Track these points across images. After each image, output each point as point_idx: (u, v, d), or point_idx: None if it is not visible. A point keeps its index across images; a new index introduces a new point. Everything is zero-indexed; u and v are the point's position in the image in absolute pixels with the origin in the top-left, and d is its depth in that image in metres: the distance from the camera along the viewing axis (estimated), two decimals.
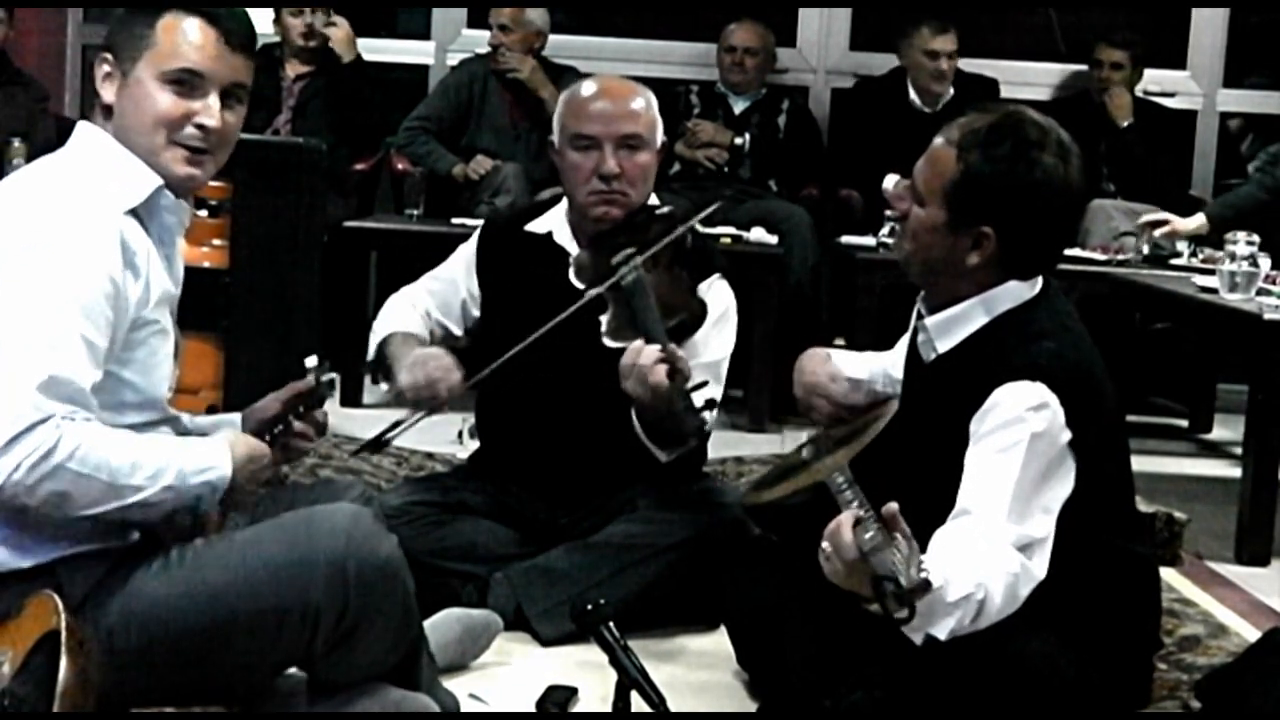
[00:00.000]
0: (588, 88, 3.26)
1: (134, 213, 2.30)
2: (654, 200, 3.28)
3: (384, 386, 3.26)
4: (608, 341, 2.98)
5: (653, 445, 3.08)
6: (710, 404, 2.91)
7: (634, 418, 3.04)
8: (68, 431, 2.15)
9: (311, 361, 2.63)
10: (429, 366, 3.06)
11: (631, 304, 2.97)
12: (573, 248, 3.23)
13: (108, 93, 2.35)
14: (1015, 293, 2.48)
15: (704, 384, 2.88)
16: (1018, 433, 2.33)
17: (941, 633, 2.17)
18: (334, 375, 2.66)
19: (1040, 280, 2.52)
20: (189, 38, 2.33)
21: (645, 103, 3.24)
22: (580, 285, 3.08)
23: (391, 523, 2.65)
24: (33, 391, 2.12)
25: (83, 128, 2.38)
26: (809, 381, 2.87)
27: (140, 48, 2.33)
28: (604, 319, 3.02)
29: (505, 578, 3.15)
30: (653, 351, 2.85)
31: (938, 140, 2.48)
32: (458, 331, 3.37)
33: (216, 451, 2.31)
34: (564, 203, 3.31)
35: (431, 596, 2.77)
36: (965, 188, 2.41)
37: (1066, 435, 2.36)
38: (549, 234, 3.29)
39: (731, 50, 6.14)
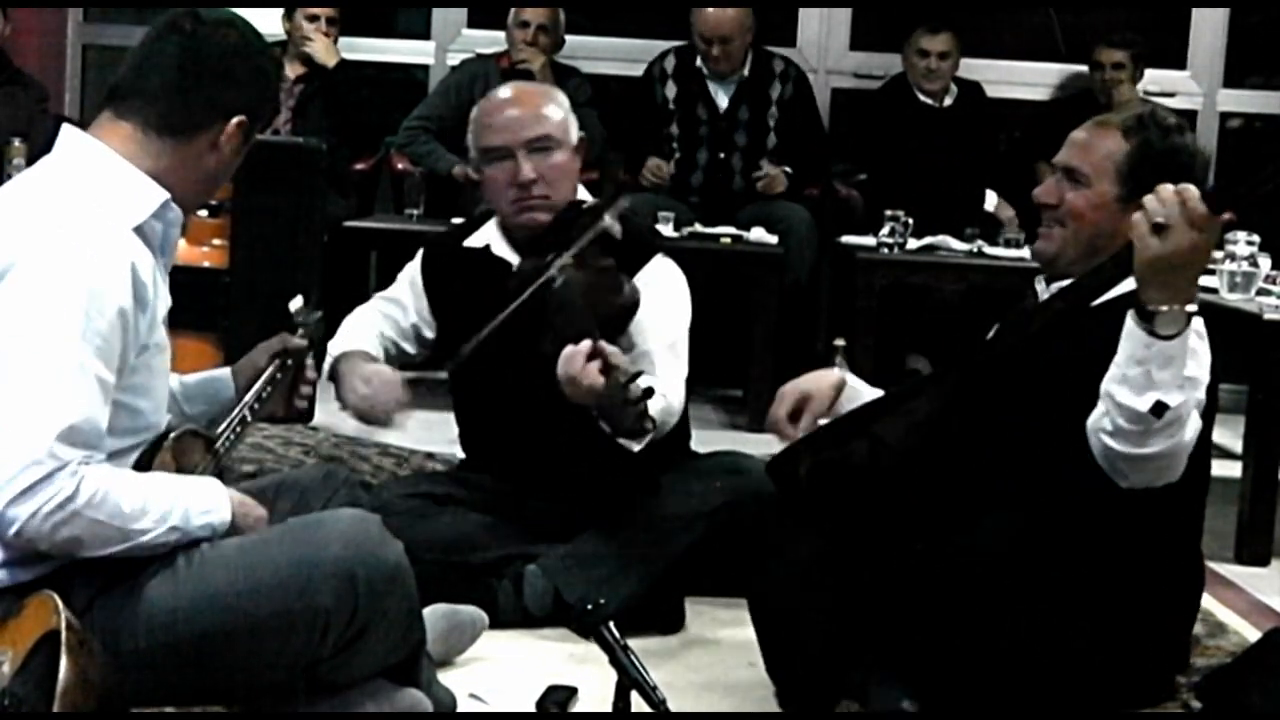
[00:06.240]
0: (489, 101, 3.26)
1: (138, 228, 2.28)
2: (583, 194, 3.25)
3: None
4: (548, 352, 2.92)
5: (622, 440, 3.02)
6: (649, 393, 2.78)
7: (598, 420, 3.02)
8: (86, 478, 2.15)
9: (296, 304, 2.63)
10: (373, 384, 3.09)
11: (562, 309, 2.94)
12: (513, 258, 3.21)
13: (220, 141, 2.36)
14: None
15: (639, 374, 2.77)
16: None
17: (1172, 400, 2.33)
18: (319, 313, 2.67)
19: None
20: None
21: (553, 104, 3.22)
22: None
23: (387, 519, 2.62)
24: (53, 440, 2.12)
25: (72, 137, 2.34)
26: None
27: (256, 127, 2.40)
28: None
29: (540, 569, 3.15)
30: (582, 352, 2.79)
31: (1087, 131, 2.69)
32: (411, 350, 3.36)
33: (216, 494, 2.34)
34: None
35: (429, 590, 2.74)
36: (1142, 160, 2.60)
37: None
38: (487, 247, 3.27)
39: (707, 41, 5.86)
